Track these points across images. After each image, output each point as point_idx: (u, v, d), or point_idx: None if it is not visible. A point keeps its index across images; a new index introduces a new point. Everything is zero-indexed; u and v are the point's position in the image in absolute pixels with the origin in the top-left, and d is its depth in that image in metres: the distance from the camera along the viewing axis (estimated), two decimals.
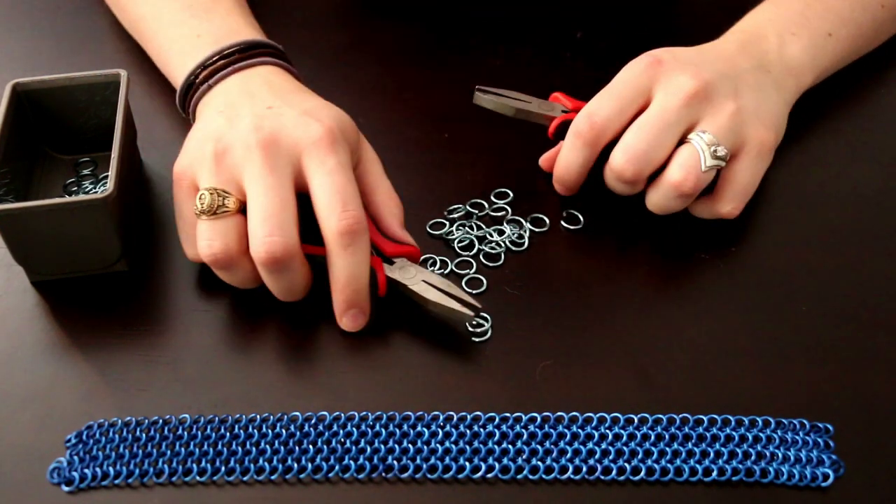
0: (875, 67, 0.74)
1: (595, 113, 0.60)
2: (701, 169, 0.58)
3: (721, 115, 0.60)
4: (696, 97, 0.59)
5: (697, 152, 0.59)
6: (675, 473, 0.52)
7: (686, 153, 0.59)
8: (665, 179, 0.59)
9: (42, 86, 0.63)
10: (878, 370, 0.56)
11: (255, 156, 0.55)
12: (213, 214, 0.55)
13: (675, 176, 0.59)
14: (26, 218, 0.55)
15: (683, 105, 0.59)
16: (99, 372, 0.56)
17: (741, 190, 0.61)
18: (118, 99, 0.60)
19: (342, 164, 0.56)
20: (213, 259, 0.55)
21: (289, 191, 0.55)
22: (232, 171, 0.55)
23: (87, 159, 0.66)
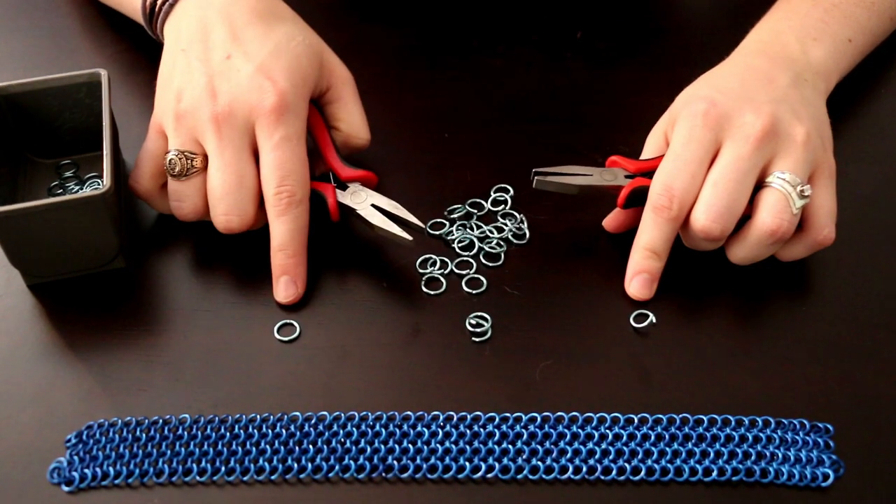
0: (875, 67, 0.74)
1: (671, 185, 0.57)
2: (792, 212, 0.56)
3: (794, 149, 0.57)
4: (767, 136, 0.57)
5: (785, 196, 0.56)
6: (675, 473, 0.52)
7: (773, 199, 0.57)
8: (757, 228, 0.57)
9: (20, 89, 0.63)
10: (878, 370, 0.56)
11: (211, 128, 0.58)
12: (177, 176, 0.59)
13: (769, 224, 0.56)
14: (24, 219, 0.55)
15: (755, 149, 0.57)
16: (99, 372, 0.56)
17: (828, 213, 0.58)
18: (99, 98, 0.61)
19: (287, 137, 0.58)
20: (181, 216, 0.60)
21: (246, 162, 0.58)
22: (192, 133, 0.58)
23: (69, 161, 0.66)
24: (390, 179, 0.67)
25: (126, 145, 0.67)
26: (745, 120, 0.58)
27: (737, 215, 0.57)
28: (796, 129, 0.58)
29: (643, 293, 0.59)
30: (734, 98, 0.59)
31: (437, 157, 0.68)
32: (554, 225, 0.64)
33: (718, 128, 0.58)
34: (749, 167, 0.57)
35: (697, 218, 0.57)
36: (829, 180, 0.59)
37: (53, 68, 0.65)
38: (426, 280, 0.61)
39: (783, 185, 0.57)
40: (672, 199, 0.57)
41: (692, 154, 0.57)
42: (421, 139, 0.69)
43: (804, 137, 0.58)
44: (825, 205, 0.58)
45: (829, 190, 0.59)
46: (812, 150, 0.58)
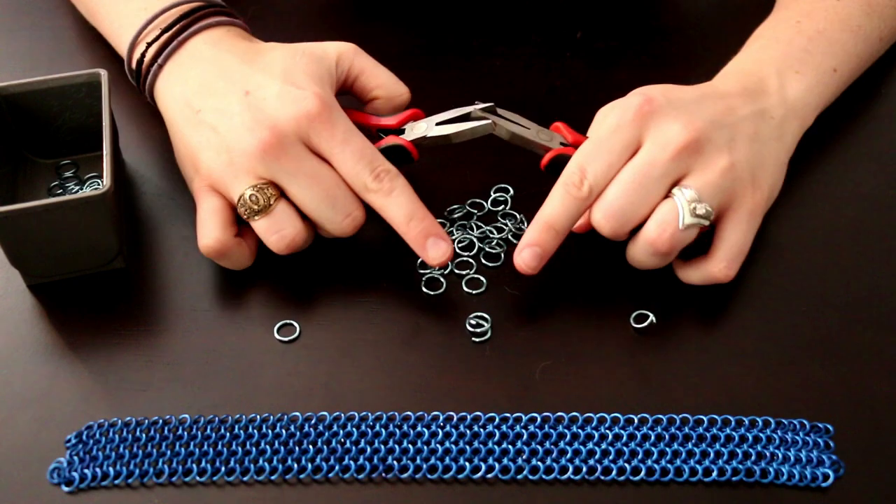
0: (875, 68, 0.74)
1: (585, 166, 0.56)
2: (678, 227, 0.55)
3: (711, 171, 0.56)
4: (687, 150, 0.55)
5: (676, 209, 0.55)
6: (675, 473, 0.52)
7: (665, 209, 0.55)
8: (642, 236, 0.56)
9: (20, 89, 0.63)
10: (878, 370, 0.56)
11: (269, 157, 0.56)
12: (261, 212, 0.57)
13: (651, 233, 0.55)
14: (24, 219, 0.55)
15: (671, 159, 0.55)
16: (99, 372, 0.56)
17: (730, 249, 0.57)
18: (99, 98, 0.61)
19: (348, 129, 0.57)
20: (288, 247, 0.57)
21: (324, 169, 0.57)
22: (254, 172, 0.57)
23: (69, 161, 0.66)
24: None
25: (126, 145, 0.67)
26: (671, 127, 0.56)
27: (632, 220, 0.56)
28: (722, 156, 0.56)
29: (530, 266, 0.57)
30: (676, 107, 0.57)
31: (437, 157, 0.68)
32: None
33: (644, 126, 0.56)
34: (658, 175, 0.55)
35: (594, 212, 0.56)
36: (748, 217, 0.57)
37: (53, 68, 0.65)
38: (426, 280, 0.61)
39: (679, 198, 0.55)
40: (583, 180, 0.56)
41: (613, 143, 0.56)
42: None
43: (726, 165, 0.56)
44: (731, 240, 0.57)
45: (742, 227, 0.57)
46: (732, 180, 0.56)
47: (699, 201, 0.55)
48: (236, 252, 0.59)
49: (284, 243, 0.57)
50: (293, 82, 0.58)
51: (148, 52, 0.62)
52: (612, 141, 0.56)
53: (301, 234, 0.58)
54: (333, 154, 0.57)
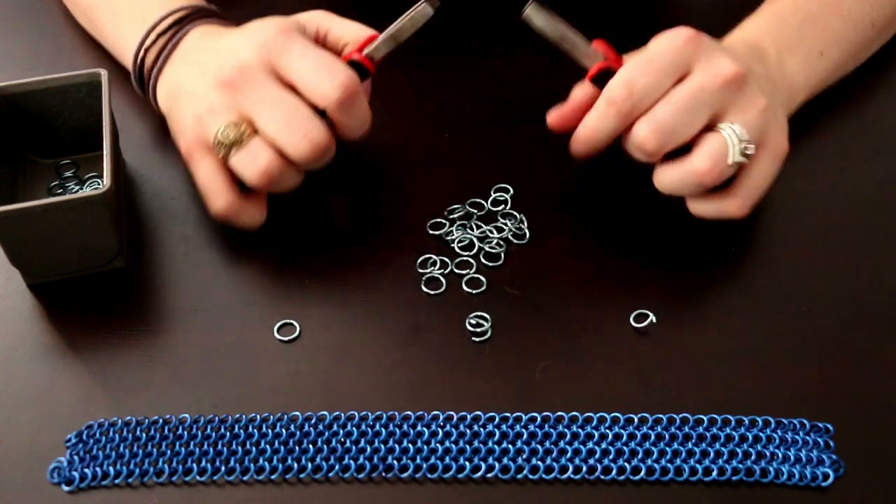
0: (875, 67, 0.74)
1: (634, 83, 0.56)
2: (727, 162, 0.56)
3: (753, 109, 0.57)
4: (735, 83, 0.57)
5: (728, 145, 0.56)
6: (675, 473, 0.52)
7: (716, 143, 0.56)
8: (689, 164, 0.57)
9: (20, 89, 0.63)
10: (878, 370, 0.56)
11: (235, 88, 0.58)
12: (240, 144, 0.57)
13: (701, 164, 0.56)
14: (24, 219, 0.55)
15: (720, 87, 0.56)
16: (99, 372, 0.56)
17: (754, 187, 0.58)
18: (99, 98, 0.61)
19: (306, 45, 0.58)
20: (263, 175, 0.57)
21: (285, 93, 0.57)
22: (231, 107, 0.58)
23: (69, 161, 0.66)
24: (390, 179, 0.67)
25: (126, 145, 0.67)
26: (721, 60, 0.57)
27: (677, 140, 0.57)
28: (760, 97, 0.58)
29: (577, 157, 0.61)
30: (720, 46, 0.59)
31: (437, 157, 0.68)
32: (554, 225, 0.64)
33: (696, 54, 0.57)
34: (708, 101, 0.56)
35: (641, 127, 0.57)
36: (773, 159, 0.59)
37: (53, 68, 0.64)
38: (426, 280, 0.61)
39: (730, 134, 0.56)
40: (631, 94, 0.56)
41: (664, 62, 0.57)
42: (421, 139, 0.69)
43: (765, 105, 0.58)
44: (755, 179, 0.58)
45: (767, 168, 0.58)
46: (766, 121, 0.58)
47: (748, 141, 0.56)
48: (248, 210, 0.60)
49: (258, 173, 0.57)
50: (255, 31, 0.60)
51: (147, 58, 0.64)
52: (664, 60, 0.57)
53: (275, 165, 0.57)
54: (292, 70, 0.58)
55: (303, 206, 0.65)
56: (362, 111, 0.59)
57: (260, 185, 0.58)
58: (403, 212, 0.64)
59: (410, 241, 0.63)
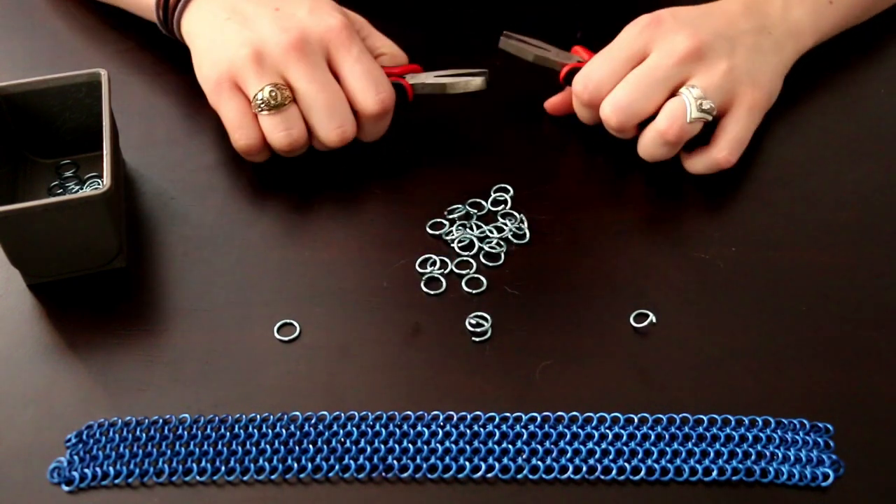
0: (875, 67, 0.74)
1: (589, 75, 0.64)
2: (686, 119, 0.61)
3: (713, 73, 0.62)
4: (690, 56, 0.62)
5: (684, 104, 0.61)
6: (675, 473, 0.52)
7: (674, 104, 0.62)
8: (652, 127, 0.62)
9: (18, 89, 0.63)
10: (878, 370, 0.56)
11: (293, 56, 0.61)
12: (276, 108, 0.61)
13: (661, 124, 0.61)
14: (24, 219, 0.55)
15: (675, 63, 0.62)
16: (99, 372, 0.56)
17: (733, 139, 0.63)
18: (99, 98, 0.61)
19: (364, 51, 0.63)
20: (290, 145, 0.62)
21: (333, 81, 0.62)
22: (276, 69, 0.61)
23: (69, 161, 0.66)
24: (391, 179, 0.67)
25: (126, 145, 0.67)
26: (675, 38, 0.63)
27: (638, 115, 0.62)
28: (722, 61, 0.63)
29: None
30: (681, 21, 0.64)
31: (437, 157, 0.68)
32: (554, 225, 0.64)
33: (651, 39, 0.63)
34: (662, 77, 0.62)
35: (603, 107, 0.63)
36: (747, 112, 0.63)
37: (53, 68, 0.64)
38: (426, 280, 0.61)
39: (687, 95, 0.61)
40: (586, 87, 0.64)
41: (618, 53, 0.64)
42: (421, 139, 0.69)
43: (726, 68, 0.63)
44: (733, 131, 0.63)
45: (743, 119, 0.63)
46: (732, 81, 0.63)
47: (704, 98, 0.61)
48: (266, 150, 0.64)
49: (288, 141, 0.62)
50: (321, 8, 0.64)
51: None
52: (619, 51, 0.64)
53: (304, 137, 0.62)
54: (345, 68, 0.62)
55: (303, 205, 0.65)
56: (386, 125, 0.65)
57: (283, 150, 0.63)
58: (403, 212, 0.64)
59: (410, 241, 0.63)
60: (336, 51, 0.62)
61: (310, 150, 0.64)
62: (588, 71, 0.64)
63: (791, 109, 0.70)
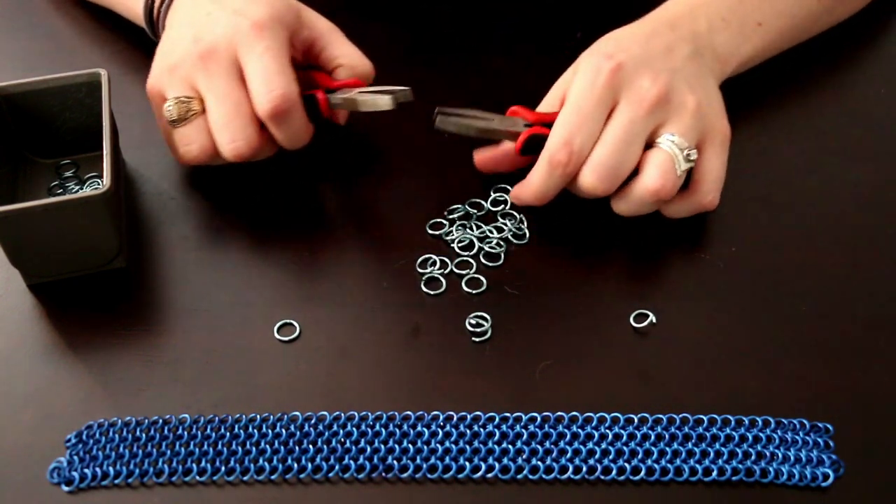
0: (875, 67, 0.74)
1: (571, 141, 0.58)
2: (677, 173, 0.58)
3: (685, 115, 0.59)
4: (659, 103, 0.59)
5: (671, 157, 0.58)
6: (675, 473, 0.52)
7: (660, 158, 0.58)
8: (641, 186, 0.59)
9: (18, 89, 0.63)
10: (878, 370, 0.56)
11: (199, 66, 0.60)
12: (183, 121, 0.60)
13: (653, 183, 0.58)
14: (24, 219, 0.55)
15: (648, 113, 0.59)
16: (99, 372, 0.56)
17: (716, 179, 0.61)
18: (99, 98, 0.61)
19: (269, 48, 0.60)
20: (193, 159, 0.62)
21: (239, 90, 0.60)
22: (187, 80, 0.60)
23: (69, 161, 0.66)
24: (391, 179, 0.67)
25: (126, 145, 0.67)
26: (641, 84, 0.59)
27: (623, 176, 0.59)
28: (688, 98, 0.60)
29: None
30: (635, 61, 0.60)
31: (437, 157, 0.68)
32: (554, 225, 0.64)
33: (617, 86, 0.59)
34: (639, 130, 0.59)
35: (585, 176, 0.59)
36: (721, 147, 0.61)
37: (53, 68, 0.64)
38: (426, 280, 0.61)
39: (671, 146, 0.58)
40: (571, 153, 0.58)
41: (591, 108, 0.59)
42: (421, 139, 0.69)
43: (695, 106, 0.60)
44: (713, 170, 0.61)
45: (718, 156, 0.61)
46: (702, 118, 0.60)
47: (688, 147, 0.59)
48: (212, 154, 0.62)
49: (191, 157, 0.62)
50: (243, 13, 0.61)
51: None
52: (590, 107, 0.59)
53: (205, 152, 0.61)
54: (247, 70, 0.60)
55: (302, 205, 0.65)
56: (294, 127, 0.61)
57: (189, 163, 0.62)
58: (403, 212, 0.64)
59: (410, 241, 0.63)
60: (241, 51, 0.60)
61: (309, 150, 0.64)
62: (566, 135, 0.59)
63: (791, 110, 0.70)
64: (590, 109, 0.59)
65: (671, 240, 0.63)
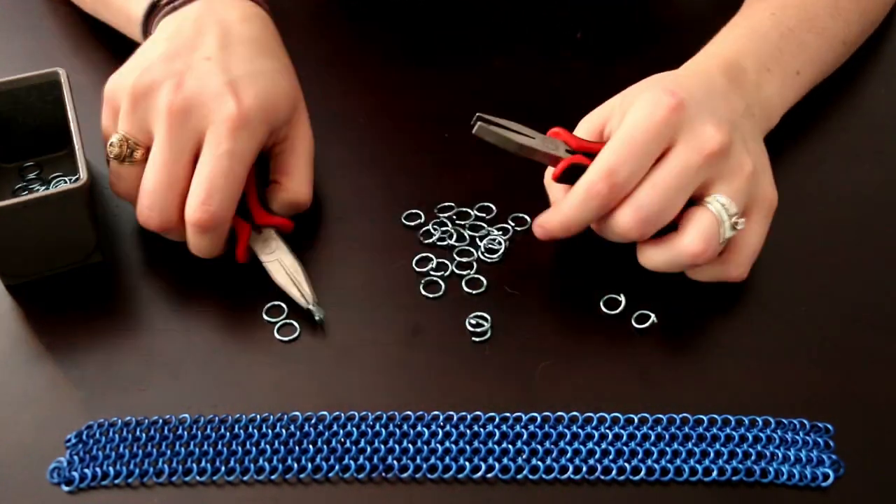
0: (875, 67, 0.74)
1: (616, 172, 0.53)
2: (720, 240, 0.54)
3: (739, 177, 0.55)
4: (719, 155, 0.54)
5: (718, 222, 0.54)
6: (675, 473, 0.52)
7: (707, 222, 0.54)
8: (680, 245, 0.54)
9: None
10: (878, 370, 0.56)
11: (164, 119, 0.55)
12: (120, 162, 0.58)
13: (694, 246, 0.54)
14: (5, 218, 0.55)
15: (706, 163, 0.54)
16: (99, 372, 0.56)
17: (752, 253, 0.57)
18: (54, 100, 0.60)
19: (232, 153, 0.55)
20: (117, 194, 0.59)
21: (184, 166, 0.56)
22: (144, 121, 0.57)
23: (32, 164, 0.65)
24: (391, 179, 0.67)
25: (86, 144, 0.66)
26: (705, 130, 0.54)
27: (661, 224, 0.55)
28: (745, 159, 0.55)
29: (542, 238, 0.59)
30: (699, 104, 0.55)
31: (437, 157, 0.68)
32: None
33: (678, 126, 0.54)
34: (692, 180, 0.54)
35: (624, 215, 0.54)
36: (765, 219, 0.57)
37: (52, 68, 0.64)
38: (425, 281, 0.61)
39: (720, 210, 0.54)
40: (613, 186, 0.53)
41: (646, 142, 0.53)
42: (421, 139, 0.69)
43: (751, 170, 0.55)
44: (752, 243, 0.56)
45: (761, 227, 0.57)
46: (755, 185, 0.56)
47: (738, 215, 0.54)
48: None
49: (114, 190, 0.59)
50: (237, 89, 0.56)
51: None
52: (645, 140, 0.54)
53: (127, 196, 0.59)
54: (202, 159, 0.56)
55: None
56: (210, 244, 0.57)
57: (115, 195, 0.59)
58: (403, 212, 0.64)
59: (410, 241, 0.63)
60: (208, 138, 0.55)
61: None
62: (612, 165, 0.53)
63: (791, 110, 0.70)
64: (643, 143, 0.53)
65: None
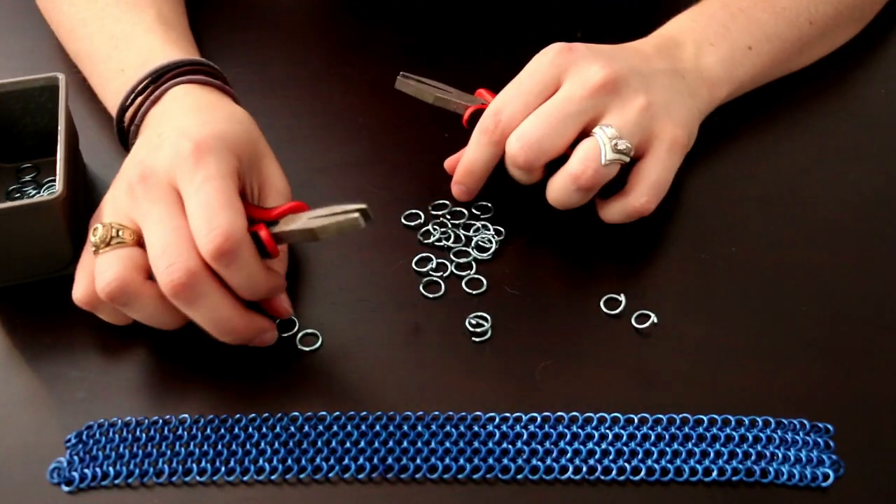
0: (875, 68, 0.74)
1: (501, 110, 0.59)
2: (601, 162, 0.57)
3: (629, 109, 0.58)
4: (605, 88, 0.58)
5: (599, 145, 0.57)
6: (675, 473, 0.52)
7: (587, 146, 0.57)
8: (564, 171, 0.58)
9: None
10: (878, 370, 0.56)
11: (137, 192, 0.53)
12: (107, 246, 0.53)
13: (574, 168, 0.57)
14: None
15: (589, 96, 0.57)
16: (99, 372, 0.56)
17: (652, 184, 0.59)
18: (57, 103, 0.60)
19: (209, 178, 0.52)
20: (107, 292, 0.52)
21: (177, 217, 0.52)
22: (125, 210, 0.54)
23: (29, 165, 0.66)
24: (391, 180, 0.67)
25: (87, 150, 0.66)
26: (589, 67, 0.58)
27: (548, 152, 0.58)
28: (639, 95, 0.59)
29: (462, 198, 0.64)
30: (595, 52, 0.60)
31: (437, 157, 0.68)
32: (554, 225, 0.64)
33: (564, 68, 0.59)
34: (575, 111, 0.57)
35: (510, 142, 0.58)
36: (667, 153, 0.59)
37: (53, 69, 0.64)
38: (425, 281, 0.61)
39: (601, 135, 0.57)
40: (498, 123, 0.59)
41: (531, 85, 0.59)
42: (421, 139, 0.69)
43: (643, 104, 0.58)
44: (653, 174, 0.59)
45: (662, 161, 0.59)
46: (650, 118, 0.58)
47: (619, 138, 0.57)
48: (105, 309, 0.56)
49: (101, 285, 0.52)
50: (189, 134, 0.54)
51: (125, 116, 0.61)
52: (529, 83, 0.59)
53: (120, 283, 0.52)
54: (188, 204, 0.52)
55: None
56: (247, 270, 0.52)
57: (104, 298, 0.52)
58: (403, 211, 0.64)
59: (410, 241, 0.63)
60: (179, 182, 0.53)
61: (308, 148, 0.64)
62: (498, 105, 0.59)
63: (791, 109, 0.70)
64: (529, 84, 0.59)
65: (671, 240, 0.63)
